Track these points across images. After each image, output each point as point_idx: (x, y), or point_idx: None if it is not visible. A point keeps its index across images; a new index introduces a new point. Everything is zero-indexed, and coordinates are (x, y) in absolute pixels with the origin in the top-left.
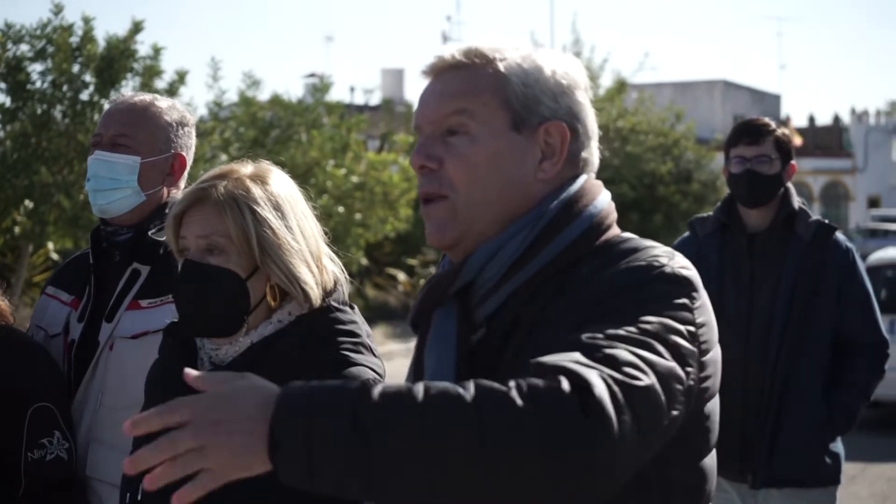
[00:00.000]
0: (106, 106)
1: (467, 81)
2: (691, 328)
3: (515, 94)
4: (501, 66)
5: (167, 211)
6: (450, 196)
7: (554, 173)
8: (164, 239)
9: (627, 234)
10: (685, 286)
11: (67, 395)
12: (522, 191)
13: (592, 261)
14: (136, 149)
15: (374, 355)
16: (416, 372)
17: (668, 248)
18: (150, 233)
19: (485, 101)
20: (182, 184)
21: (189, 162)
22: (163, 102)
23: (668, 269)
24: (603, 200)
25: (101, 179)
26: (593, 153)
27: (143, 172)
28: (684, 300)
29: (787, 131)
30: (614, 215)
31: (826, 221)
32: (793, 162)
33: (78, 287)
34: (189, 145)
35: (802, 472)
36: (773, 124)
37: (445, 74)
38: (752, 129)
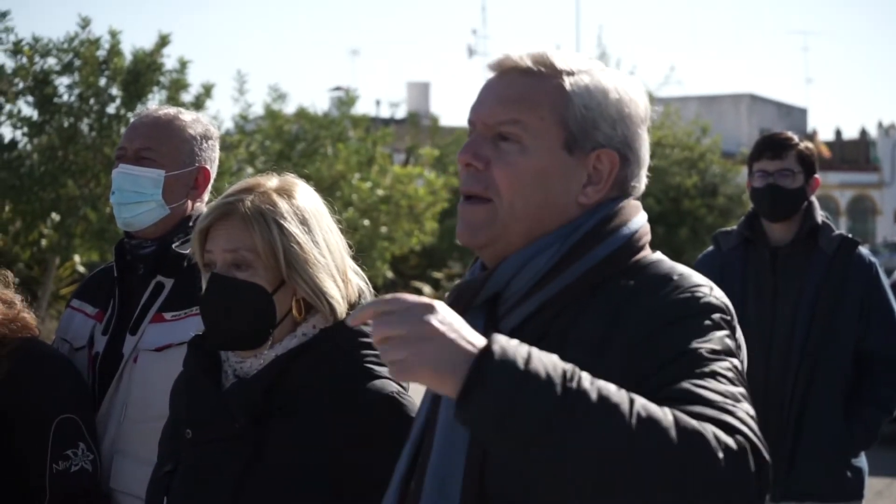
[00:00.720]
0: (132, 119)
1: (529, 90)
2: (737, 362)
3: (575, 115)
4: (567, 83)
5: (192, 224)
6: (494, 200)
7: (595, 199)
8: (188, 252)
9: (657, 255)
10: (727, 314)
11: (92, 407)
12: (560, 210)
13: (623, 280)
14: (161, 162)
15: None
16: None
17: (705, 278)
18: (174, 246)
19: (542, 115)
20: (206, 197)
21: (213, 175)
22: (187, 116)
23: (712, 300)
24: (638, 222)
25: (125, 193)
26: (642, 181)
27: (168, 186)
28: (728, 334)
29: (810, 145)
30: (648, 237)
31: (849, 235)
32: (816, 176)
33: (102, 300)
34: (213, 158)
35: (822, 487)
36: (795, 138)
37: (509, 75)
38: (775, 144)
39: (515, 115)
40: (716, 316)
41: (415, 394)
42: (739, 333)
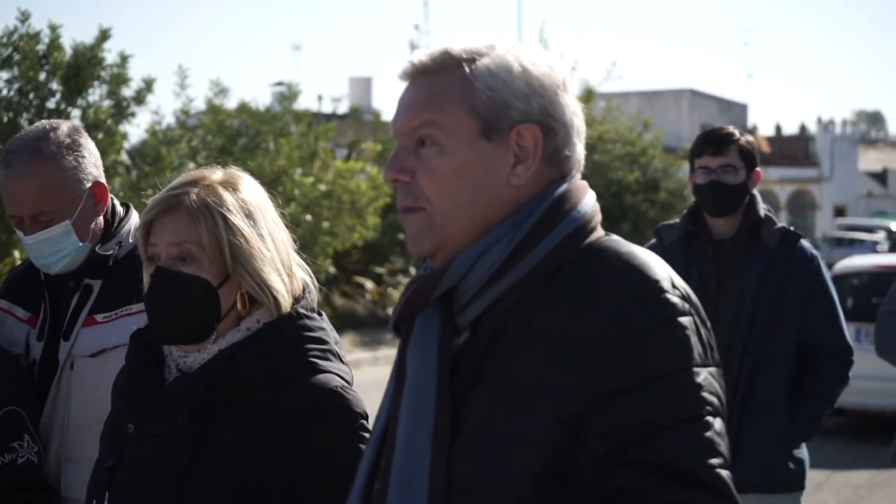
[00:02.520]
0: (2, 174)
1: (434, 90)
2: (712, 379)
3: (482, 100)
4: (468, 71)
5: (113, 230)
6: (425, 208)
7: (527, 177)
8: (111, 252)
9: (613, 237)
10: (690, 308)
11: (34, 400)
12: (495, 198)
13: (579, 266)
14: (61, 214)
15: (343, 362)
16: (399, 376)
17: (661, 263)
18: (97, 248)
19: (451, 110)
20: (107, 202)
21: (102, 177)
22: (48, 146)
23: (673, 301)
24: (588, 203)
25: (46, 257)
26: (576, 149)
27: (77, 227)
28: (694, 341)
29: (751, 138)
30: (599, 217)
31: (791, 229)
32: (758, 169)
33: (32, 303)
34: (95, 162)
35: (764, 477)
36: (736, 133)
37: (417, 80)
38: (716, 139)
39: (427, 118)
40: (683, 320)
41: (361, 389)
42: (704, 317)
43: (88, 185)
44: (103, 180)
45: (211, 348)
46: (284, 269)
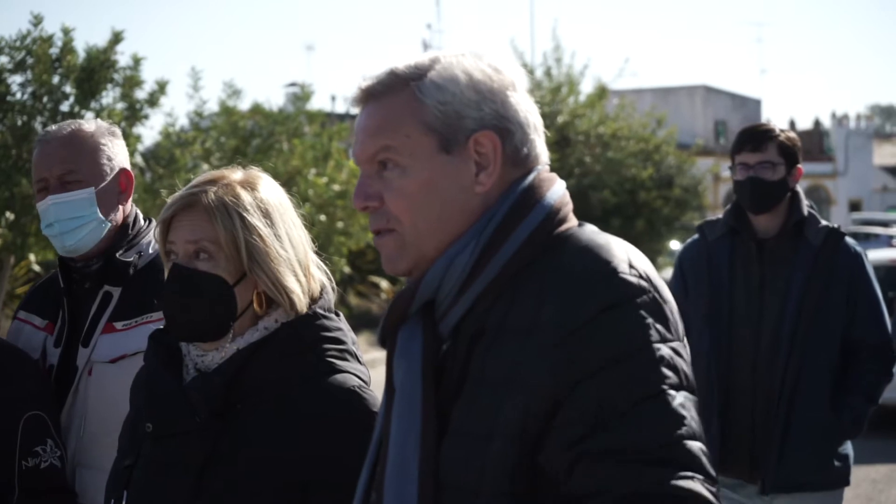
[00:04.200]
0: (35, 148)
1: (386, 113)
2: (674, 354)
3: (434, 115)
4: (416, 89)
5: (131, 230)
6: (396, 229)
7: (491, 183)
8: (132, 259)
9: (585, 227)
10: (647, 289)
11: (57, 404)
12: (462, 209)
13: (547, 257)
14: (87, 181)
15: (360, 362)
16: (389, 388)
17: (623, 247)
18: (118, 254)
19: (406, 132)
20: (131, 198)
21: (130, 169)
22: (88, 125)
23: (629, 279)
24: (555, 193)
25: (64, 222)
26: (535, 145)
27: (100, 200)
28: (651, 320)
29: (792, 135)
30: (569, 206)
31: (836, 227)
32: (799, 166)
33: (50, 311)
34: (125, 155)
35: (811, 476)
36: (776, 129)
37: (368, 105)
38: (755, 136)
39: (383, 143)
40: (639, 300)
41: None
42: (667, 296)
43: (118, 168)
44: (132, 172)
45: (229, 348)
46: (302, 270)
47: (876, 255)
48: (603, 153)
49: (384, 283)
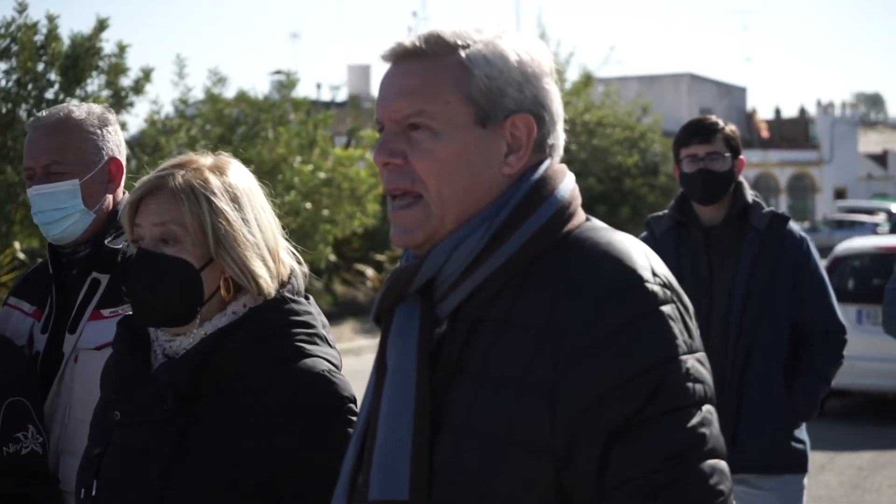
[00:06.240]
0: (28, 131)
1: (428, 76)
2: (699, 365)
3: (479, 87)
4: (464, 57)
5: (119, 217)
6: (423, 195)
7: (519, 167)
8: (121, 246)
9: (593, 224)
10: (672, 297)
11: (39, 391)
12: (487, 187)
13: (559, 255)
14: (72, 171)
15: (331, 346)
16: (380, 368)
17: (642, 250)
18: (106, 241)
19: (447, 98)
20: (122, 186)
21: (123, 160)
22: (79, 111)
23: (654, 290)
24: (567, 186)
25: (47, 213)
26: (559, 137)
27: (85, 191)
28: (678, 330)
29: (734, 128)
30: (578, 200)
31: (779, 212)
32: (741, 157)
33: (39, 297)
34: (118, 143)
35: (767, 458)
36: (721, 122)
37: (406, 63)
38: (703, 128)
39: (420, 106)
40: (665, 309)
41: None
42: (687, 302)
43: (106, 157)
44: (123, 162)
45: (197, 333)
46: (270, 255)
47: (861, 243)
48: (588, 141)
49: (370, 271)
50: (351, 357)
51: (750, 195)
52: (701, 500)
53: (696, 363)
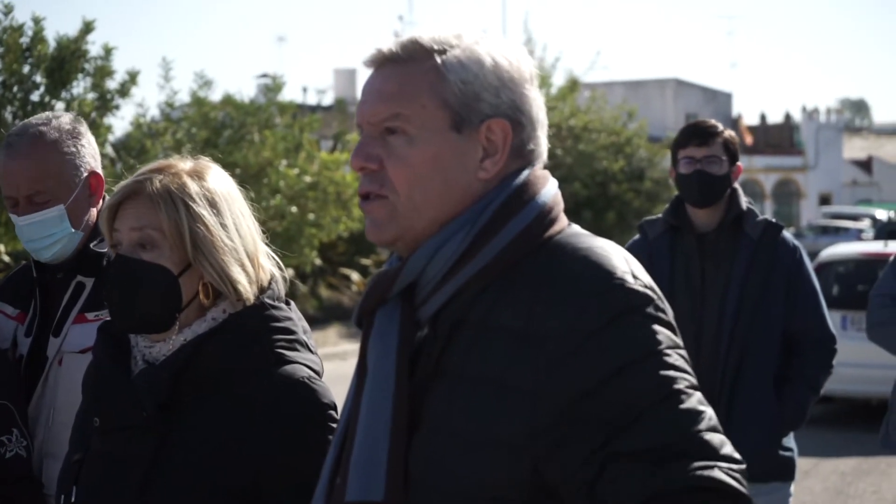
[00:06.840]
0: (2, 157)
1: (404, 81)
2: (682, 360)
3: (454, 92)
4: (440, 62)
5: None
6: (389, 197)
7: (495, 172)
8: (106, 250)
9: (574, 230)
10: (653, 299)
11: (23, 394)
12: (462, 191)
13: (539, 259)
14: (56, 198)
15: (312, 351)
16: (360, 370)
17: (622, 255)
18: (91, 245)
19: (422, 102)
20: (102, 195)
21: (100, 169)
22: (50, 132)
23: (636, 289)
24: (548, 192)
25: (37, 241)
26: (540, 143)
27: (71, 213)
28: (660, 327)
29: (733, 133)
30: (560, 206)
31: (774, 220)
32: (739, 163)
33: (23, 300)
34: (94, 153)
35: (755, 467)
36: (720, 126)
37: (385, 68)
38: (702, 131)
39: (396, 110)
40: (646, 309)
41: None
42: (668, 309)
43: (85, 174)
44: (101, 173)
45: (176, 339)
46: (249, 260)
47: (846, 249)
48: (574, 146)
49: (355, 276)
50: (336, 361)
51: (745, 203)
52: (708, 458)
53: (680, 357)
